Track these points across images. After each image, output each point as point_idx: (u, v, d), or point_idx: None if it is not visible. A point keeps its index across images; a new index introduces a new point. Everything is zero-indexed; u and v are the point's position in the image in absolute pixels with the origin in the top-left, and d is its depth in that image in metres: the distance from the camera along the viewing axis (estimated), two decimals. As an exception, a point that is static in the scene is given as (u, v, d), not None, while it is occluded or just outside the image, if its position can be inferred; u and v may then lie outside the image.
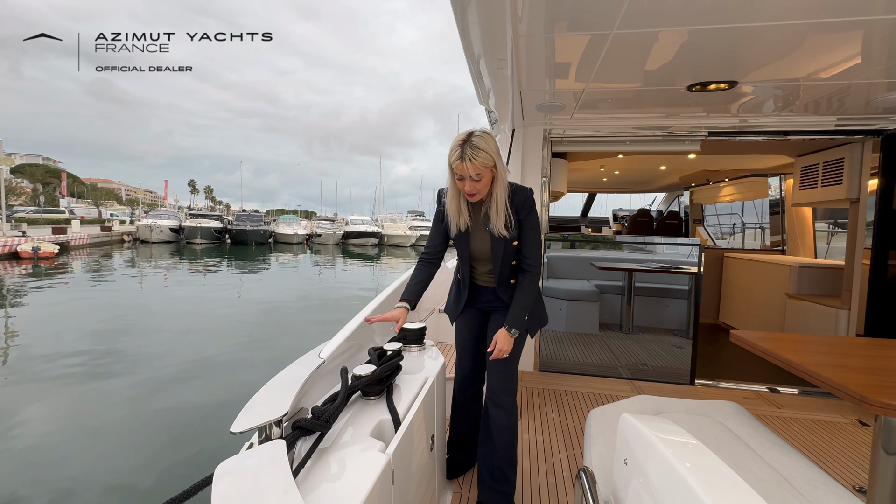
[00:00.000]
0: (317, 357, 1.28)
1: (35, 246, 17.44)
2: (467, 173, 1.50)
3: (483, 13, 1.59)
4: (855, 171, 3.30)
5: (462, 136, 1.53)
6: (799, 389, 3.15)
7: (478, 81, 2.42)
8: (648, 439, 0.81)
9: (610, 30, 1.74)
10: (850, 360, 1.36)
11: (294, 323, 8.96)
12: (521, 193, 1.63)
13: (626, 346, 3.56)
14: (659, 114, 2.98)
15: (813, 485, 1.02)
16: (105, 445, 3.98)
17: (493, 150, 1.51)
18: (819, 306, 3.65)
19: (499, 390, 1.71)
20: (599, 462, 1.16)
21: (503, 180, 1.57)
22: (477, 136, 1.51)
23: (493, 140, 1.54)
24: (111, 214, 44.17)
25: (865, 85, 2.31)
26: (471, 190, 1.55)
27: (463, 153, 1.49)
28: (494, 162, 1.52)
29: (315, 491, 0.84)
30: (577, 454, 2.25)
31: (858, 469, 2.17)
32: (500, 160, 1.55)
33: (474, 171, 1.49)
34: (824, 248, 5.06)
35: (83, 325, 7.99)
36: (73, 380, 5.44)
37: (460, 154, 1.50)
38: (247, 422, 0.91)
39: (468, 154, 1.48)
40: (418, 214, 54.23)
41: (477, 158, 1.48)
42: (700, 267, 3.25)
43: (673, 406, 1.43)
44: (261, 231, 29.80)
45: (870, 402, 1.00)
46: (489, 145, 1.51)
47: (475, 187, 1.54)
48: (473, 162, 1.48)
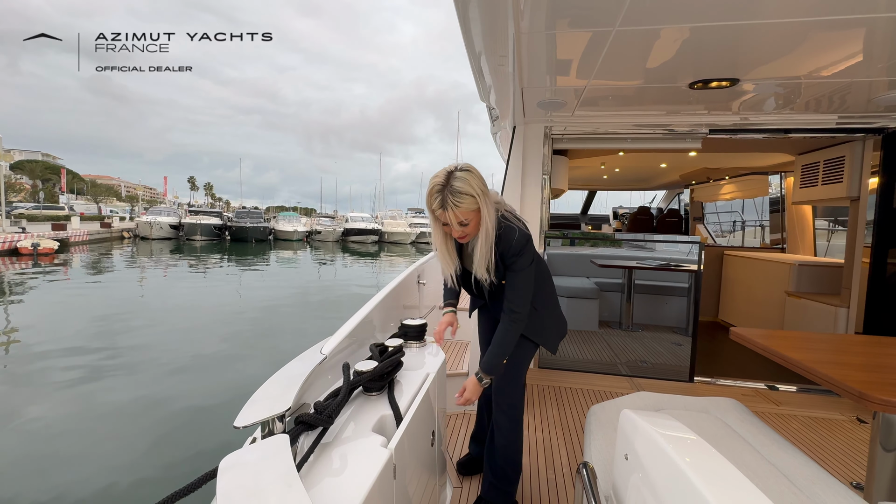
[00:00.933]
0: (319, 353, 1.28)
1: (34, 242, 17.43)
2: (452, 221, 1.38)
3: (485, 9, 1.59)
4: (855, 170, 3.30)
5: (440, 178, 1.37)
6: (797, 387, 3.16)
7: (479, 78, 2.42)
8: (649, 435, 0.81)
9: (612, 27, 1.73)
10: (849, 358, 1.37)
11: (295, 319, 8.98)
12: (507, 238, 1.45)
13: (626, 343, 3.57)
14: (660, 111, 2.98)
15: (811, 480, 1.03)
16: (109, 440, 4.00)
17: (477, 191, 1.35)
18: (818, 304, 3.66)
19: (501, 395, 1.70)
20: (600, 457, 1.17)
21: (488, 223, 1.40)
22: (458, 177, 1.35)
23: (477, 176, 1.39)
24: (111, 211, 44.14)
25: (867, 83, 2.31)
26: (460, 234, 1.44)
27: (444, 201, 1.34)
28: (479, 205, 1.37)
29: (318, 485, 0.85)
30: (576, 450, 2.26)
31: (856, 465, 2.18)
32: (484, 200, 1.38)
33: (457, 218, 1.37)
34: (824, 246, 5.06)
35: (84, 322, 8.00)
36: (75, 376, 5.45)
37: (441, 202, 1.35)
38: (250, 416, 0.91)
39: (450, 202, 1.34)
40: (418, 212, 54.22)
41: (460, 206, 1.34)
42: (700, 265, 3.25)
43: (672, 403, 1.44)
44: (261, 228, 29.78)
45: (869, 399, 1.01)
46: (472, 186, 1.35)
47: (464, 231, 1.42)
48: (456, 210, 1.34)
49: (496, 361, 1.51)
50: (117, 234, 27.95)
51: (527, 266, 1.49)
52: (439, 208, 1.37)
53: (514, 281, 1.49)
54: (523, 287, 1.49)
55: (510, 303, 1.50)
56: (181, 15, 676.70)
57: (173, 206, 45.61)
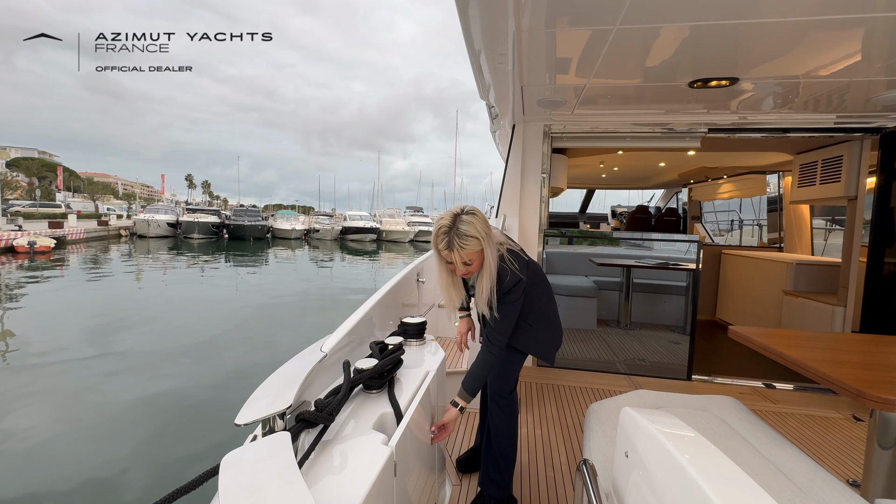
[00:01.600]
0: (319, 350, 1.28)
1: (31, 240, 17.35)
2: (457, 262, 1.47)
3: (484, 7, 1.59)
4: (853, 169, 3.31)
5: (447, 220, 1.46)
6: (794, 385, 3.18)
7: (478, 76, 2.42)
8: (650, 432, 0.82)
9: (612, 25, 1.73)
10: (846, 356, 1.38)
11: (294, 317, 8.97)
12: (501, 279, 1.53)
13: (624, 341, 3.58)
14: (659, 110, 2.98)
15: (808, 478, 1.04)
16: (110, 438, 4.00)
17: (481, 233, 1.44)
18: (816, 303, 3.68)
19: (496, 388, 1.75)
20: (599, 455, 1.17)
21: (491, 264, 1.48)
22: (464, 220, 1.44)
23: (482, 219, 1.47)
24: (108, 209, 43.97)
25: (865, 83, 2.31)
26: (464, 273, 1.52)
27: (451, 243, 1.44)
28: (483, 247, 1.45)
29: (319, 482, 0.85)
30: (575, 448, 2.27)
31: (852, 463, 2.20)
32: (488, 242, 1.47)
33: (462, 259, 1.46)
34: (821, 245, 5.08)
35: (81, 320, 7.98)
36: (73, 374, 5.44)
37: (447, 244, 1.45)
38: (251, 414, 0.91)
39: (456, 244, 1.43)
40: (417, 210, 54.19)
41: (465, 248, 1.43)
42: (698, 263, 3.26)
43: (671, 401, 1.45)
44: (259, 226, 29.71)
45: (866, 397, 1.01)
46: (477, 229, 1.43)
47: (468, 269, 1.51)
48: (462, 252, 1.43)
49: (476, 384, 1.56)
50: (114, 232, 27.84)
51: (511, 303, 1.56)
52: (445, 249, 1.46)
53: (499, 314, 1.56)
54: (506, 321, 1.57)
55: (490, 335, 1.58)
56: (179, 12, 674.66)
57: (171, 204, 45.43)
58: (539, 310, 1.74)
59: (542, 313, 1.75)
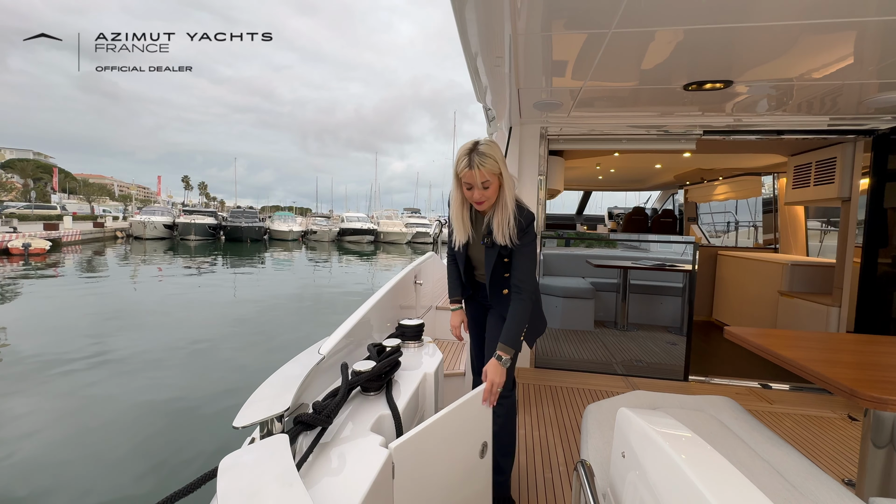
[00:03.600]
0: (316, 353, 1.28)
1: (25, 242, 17.21)
2: (476, 181, 1.49)
3: (481, 10, 1.60)
4: (847, 171, 3.34)
5: (468, 145, 1.53)
6: (790, 385, 3.20)
7: (475, 79, 2.42)
8: (646, 432, 0.82)
9: (607, 28, 1.75)
10: (841, 356, 1.39)
11: (292, 319, 8.94)
12: (521, 213, 1.58)
13: (621, 342, 3.59)
14: (655, 112, 3.00)
15: (804, 477, 1.05)
16: (107, 441, 3.97)
17: (499, 158, 1.52)
18: (810, 303, 3.70)
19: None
20: (596, 455, 1.18)
21: (510, 189, 1.55)
22: (483, 143, 1.52)
23: (499, 148, 1.54)
24: (104, 210, 43.69)
25: (857, 85, 2.34)
26: (479, 198, 1.54)
27: (471, 161, 1.48)
28: (501, 170, 1.52)
29: (318, 484, 0.85)
30: (573, 449, 2.27)
31: (847, 462, 2.21)
32: (506, 168, 1.54)
33: (482, 178, 1.49)
34: (816, 246, 5.12)
35: (76, 323, 7.92)
36: (68, 377, 5.39)
37: (468, 162, 1.49)
38: (249, 417, 0.92)
39: (476, 162, 1.47)
40: (414, 211, 54.19)
41: (485, 165, 1.48)
42: (694, 265, 3.28)
43: (668, 401, 1.46)
44: (256, 228, 29.60)
45: (860, 396, 1.02)
46: (495, 153, 1.51)
47: (483, 195, 1.53)
48: (482, 169, 1.48)
49: (515, 334, 1.55)
50: (110, 233, 27.66)
51: (531, 241, 1.60)
52: (466, 168, 1.49)
53: (519, 259, 1.59)
54: (528, 263, 1.60)
55: (518, 281, 1.58)
56: (176, 13, 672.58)
57: (167, 206, 45.25)
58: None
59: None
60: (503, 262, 1.64)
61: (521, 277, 1.59)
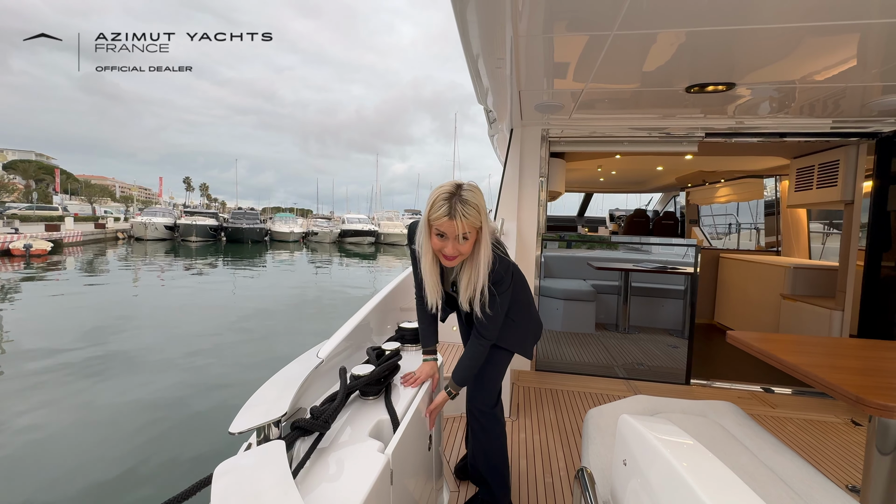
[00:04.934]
0: (315, 357, 1.27)
1: (27, 243, 17.25)
2: (455, 233, 1.24)
3: (482, 12, 1.59)
4: (850, 174, 3.33)
5: (447, 188, 1.26)
6: (793, 389, 3.18)
7: (477, 80, 2.42)
8: (647, 440, 0.81)
9: (609, 30, 1.74)
10: (844, 361, 1.38)
11: (291, 322, 8.94)
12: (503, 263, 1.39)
13: (623, 345, 3.57)
14: (656, 115, 2.99)
15: (807, 484, 1.03)
16: (101, 445, 3.95)
17: (483, 208, 1.28)
18: (813, 307, 3.68)
19: (476, 405, 1.65)
20: (597, 462, 1.16)
21: (487, 247, 1.31)
22: (467, 189, 1.26)
23: (482, 196, 1.31)
24: (105, 211, 43.80)
25: (861, 88, 2.33)
26: (452, 253, 1.28)
27: (452, 209, 1.22)
28: (482, 223, 1.28)
29: (314, 491, 0.84)
30: (573, 454, 2.26)
31: (851, 468, 2.19)
32: (487, 221, 1.30)
33: (462, 230, 1.24)
34: (819, 249, 5.10)
35: (76, 325, 7.92)
36: (67, 380, 5.39)
37: (448, 210, 1.22)
38: (245, 422, 0.90)
39: (459, 211, 1.21)
40: (415, 213, 54.20)
41: (468, 217, 1.22)
42: (696, 267, 3.26)
43: (670, 406, 1.44)
44: (257, 229, 29.66)
45: (865, 404, 1.01)
46: (480, 202, 1.27)
47: (458, 249, 1.27)
48: (464, 221, 1.22)
49: (467, 374, 1.49)
50: (112, 234, 27.71)
51: (505, 291, 1.44)
52: (444, 216, 1.23)
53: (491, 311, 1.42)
54: (497, 314, 1.45)
55: (481, 327, 1.46)
56: (178, 15, 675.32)
57: (168, 207, 45.33)
58: (520, 303, 1.64)
59: (521, 307, 1.64)
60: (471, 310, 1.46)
61: (486, 324, 1.44)
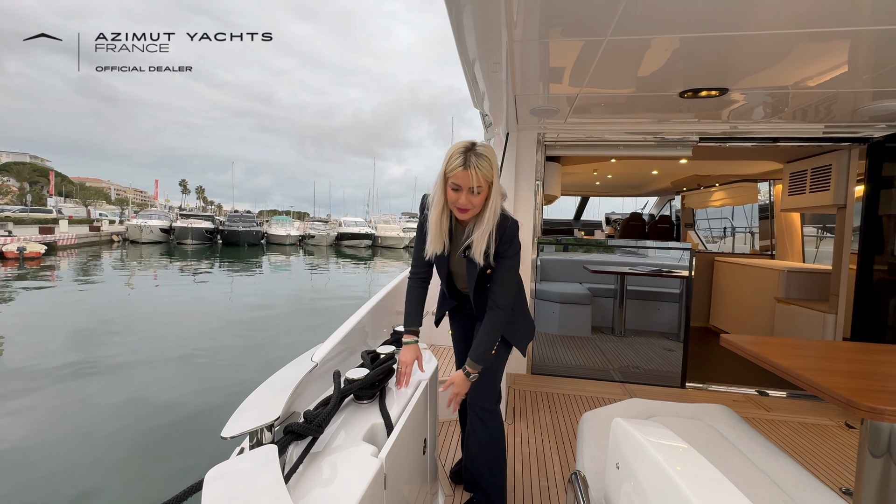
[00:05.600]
0: (309, 360, 1.27)
1: (21, 246, 17.12)
2: (468, 184, 1.34)
3: (478, 17, 1.60)
4: (842, 178, 3.36)
5: (464, 143, 1.38)
6: (787, 392, 3.19)
7: (472, 85, 2.43)
8: (640, 444, 0.81)
9: (604, 36, 1.75)
10: (837, 364, 1.38)
11: (286, 325, 8.89)
12: (503, 224, 1.45)
13: (618, 349, 3.58)
14: (651, 119, 3.01)
15: (801, 487, 1.04)
16: (92, 450, 3.91)
17: (494, 164, 1.38)
18: (807, 310, 3.70)
19: (479, 402, 1.63)
20: (592, 466, 1.16)
21: (497, 202, 1.41)
22: (481, 145, 1.37)
23: (496, 155, 1.42)
24: (100, 214, 43.51)
25: (852, 93, 2.35)
26: (466, 204, 1.37)
27: (467, 161, 1.33)
28: (494, 178, 1.38)
29: (307, 496, 0.83)
30: (569, 457, 2.25)
31: (844, 471, 2.20)
32: (497, 180, 1.41)
33: (476, 182, 1.33)
34: (812, 252, 5.13)
35: (69, 328, 7.86)
36: (59, 383, 5.33)
37: (463, 161, 1.33)
38: (238, 426, 0.90)
39: (473, 162, 1.32)
40: (412, 216, 54.14)
41: (481, 169, 1.33)
42: (691, 271, 3.28)
43: (664, 409, 1.44)
44: (253, 232, 29.55)
45: (857, 407, 1.02)
46: (493, 158, 1.38)
47: (471, 202, 1.37)
48: (477, 172, 1.32)
49: (485, 350, 1.48)
50: (107, 237, 27.55)
51: (515, 255, 1.48)
52: (460, 167, 1.33)
53: (500, 274, 1.48)
54: (510, 278, 1.49)
55: (496, 296, 1.48)
56: (176, 17, 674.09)
57: (164, 210, 45.12)
58: (520, 292, 1.66)
59: (519, 299, 1.65)
60: (486, 275, 1.51)
61: (499, 292, 1.48)
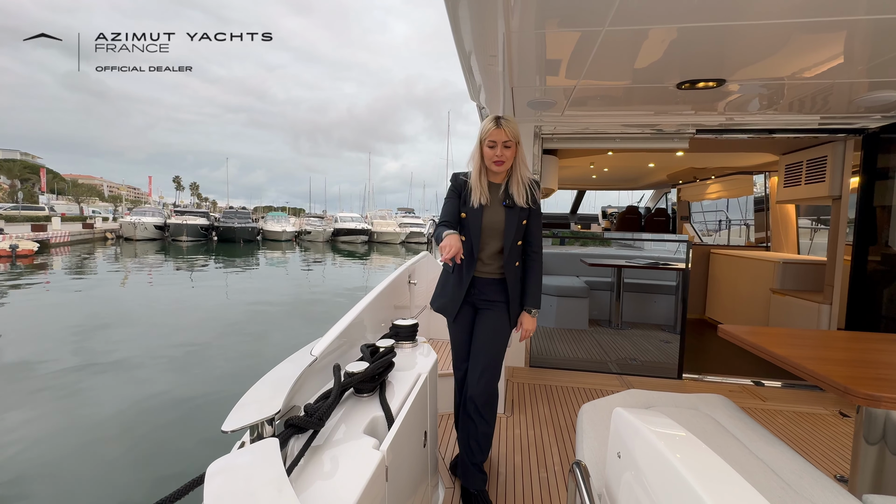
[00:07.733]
0: (309, 354, 1.26)
1: (13, 244, 16.94)
2: (502, 138, 1.69)
3: (475, 8, 1.59)
4: (837, 169, 3.37)
5: (492, 115, 1.76)
6: (783, 382, 3.22)
7: (469, 77, 2.42)
8: (641, 432, 0.82)
9: (601, 26, 1.74)
10: (833, 353, 1.40)
11: (283, 321, 8.88)
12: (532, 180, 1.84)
13: (616, 341, 3.60)
14: (648, 111, 3.01)
15: (797, 474, 1.05)
16: (93, 445, 3.90)
17: (517, 128, 1.74)
18: (802, 301, 3.74)
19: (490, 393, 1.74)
20: (592, 456, 1.17)
21: (524, 158, 1.80)
22: (506, 116, 1.74)
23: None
24: (93, 211, 43.12)
25: (848, 84, 2.36)
26: (501, 156, 1.72)
27: (498, 121, 1.70)
28: (518, 139, 1.74)
29: (309, 489, 0.83)
30: (568, 448, 2.27)
31: (839, 458, 2.23)
32: (521, 139, 1.77)
33: (506, 137, 1.69)
34: (807, 244, 5.17)
35: (64, 326, 7.80)
36: (53, 381, 5.31)
37: (496, 122, 1.70)
38: (238, 420, 0.90)
39: (503, 123, 1.70)
40: (408, 211, 54.10)
41: (509, 127, 1.71)
42: (687, 263, 3.30)
43: (662, 400, 1.46)
44: (249, 228, 29.39)
45: (853, 394, 1.03)
46: (515, 123, 1.75)
47: (504, 154, 1.72)
48: (507, 128, 1.69)
49: (539, 292, 1.84)
50: (100, 235, 27.30)
51: (540, 209, 1.86)
52: (493, 127, 1.70)
53: (534, 224, 1.84)
54: (540, 230, 1.88)
55: (535, 245, 1.85)
56: (168, 12, 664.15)
57: (158, 207, 44.77)
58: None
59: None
60: (521, 226, 1.78)
61: (535, 242, 1.85)
